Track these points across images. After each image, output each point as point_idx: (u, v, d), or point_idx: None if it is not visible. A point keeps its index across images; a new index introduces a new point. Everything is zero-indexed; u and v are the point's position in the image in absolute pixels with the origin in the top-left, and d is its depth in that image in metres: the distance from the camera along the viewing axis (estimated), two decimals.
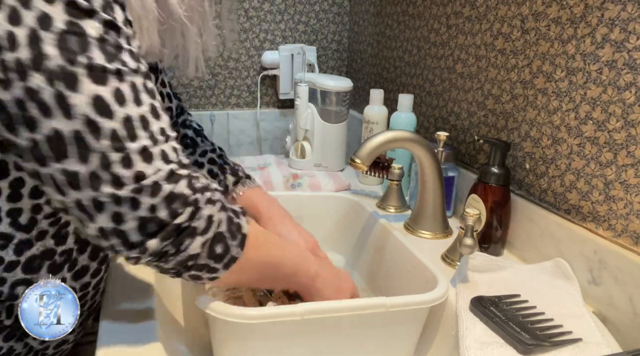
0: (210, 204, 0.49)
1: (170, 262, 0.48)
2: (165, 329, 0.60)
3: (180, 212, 0.46)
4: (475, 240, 0.70)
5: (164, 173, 0.45)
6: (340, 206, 0.97)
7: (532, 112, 0.79)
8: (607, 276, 0.64)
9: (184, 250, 0.47)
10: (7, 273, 0.51)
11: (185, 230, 0.47)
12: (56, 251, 0.54)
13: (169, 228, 0.46)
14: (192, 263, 0.49)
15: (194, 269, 0.49)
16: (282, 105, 1.53)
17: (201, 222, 0.48)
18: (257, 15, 1.43)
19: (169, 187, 0.45)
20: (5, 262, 0.51)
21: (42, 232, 0.52)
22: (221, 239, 0.50)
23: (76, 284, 0.57)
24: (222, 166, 0.77)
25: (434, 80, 1.06)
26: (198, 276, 0.51)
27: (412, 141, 0.80)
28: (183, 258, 0.48)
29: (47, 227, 0.52)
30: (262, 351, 0.58)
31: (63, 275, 0.55)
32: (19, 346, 0.56)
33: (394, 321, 0.62)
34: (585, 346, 0.55)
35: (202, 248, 0.48)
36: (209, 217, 0.48)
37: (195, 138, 0.79)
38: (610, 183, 0.66)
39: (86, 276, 0.58)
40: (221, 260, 0.51)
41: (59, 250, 0.54)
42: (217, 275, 0.52)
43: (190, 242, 0.47)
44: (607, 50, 0.65)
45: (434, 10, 1.05)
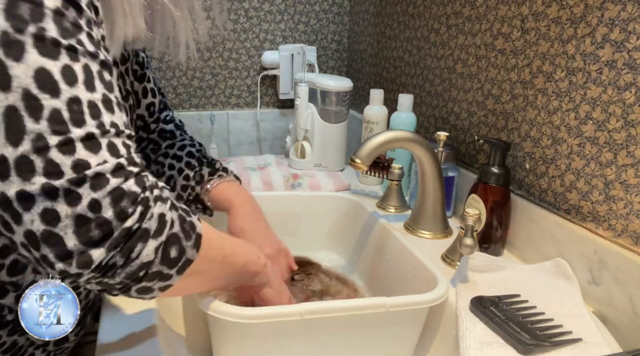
0: (160, 202, 0.42)
1: (118, 275, 0.40)
2: (165, 329, 0.60)
3: (130, 211, 0.39)
4: (475, 240, 0.70)
5: (110, 165, 0.39)
6: (340, 206, 0.97)
7: (532, 112, 0.79)
8: (607, 276, 0.64)
9: (136, 258, 0.40)
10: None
11: (136, 234, 0.40)
12: None
13: (117, 234, 0.39)
14: (144, 273, 0.42)
15: (144, 280, 0.42)
16: (282, 105, 1.53)
17: (153, 223, 0.41)
18: (257, 15, 1.43)
19: (115, 180, 0.39)
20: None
21: None
22: (175, 241, 0.44)
23: None
24: (200, 159, 0.76)
25: (434, 80, 1.06)
26: (148, 289, 0.44)
27: (412, 141, 0.80)
28: (134, 269, 0.41)
29: None
30: (262, 351, 0.58)
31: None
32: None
33: (394, 321, 0.62)
34: (585, 346, 0.55)
35: (156, 254, 0.42)
36: (161, 216, 0.42)
37: (174, 132, 0.78)
38: (610, 183, 0.66)
39: None
40: (175, 265, 0.44)
41: None
42: (170, 282, 0.45)
43: (142, 248, 0.40)
44: (607, 50, 0.65)
45: (434, 10, 1.05)
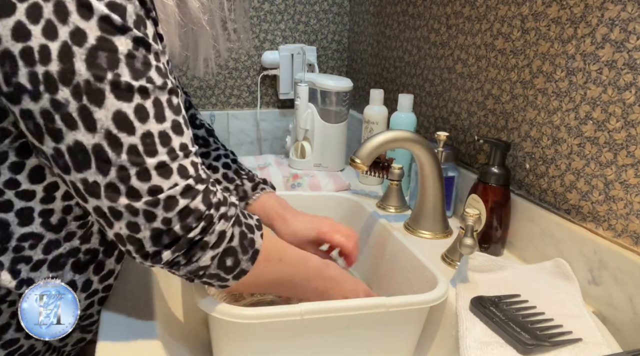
0: (224, 219, 0.50)
1: (181, 270, 0.50)
2: (165, 329, 0.60)
3: (194, 226, 0.47)
4: (475, 240, 0.70)
5: (179, 188, 0.46)
6: (340, 206, 0.97)
7: (532, 112, 0.79)
8: (607, 276, 0.64)
9: (195, 261, 0.49)
10: (34, 272, 0.52)
11: (197, 244, 0.48)
12: (80, 249, 0.55)
13: (182, 241, 0.47)
14: (203, 273, 0.51)
15: (205, 277, 0.52)
16: (282, 105, 1.53)
17: (213, 237, 0.49)
18: (257, 15, 1.43)
19: (184, 201, 0.47)
20: (33, 260, 0.52)
21: (70, 233, 0.53)
22: (232, 253, 0.51)
23: (100, 286, 0.58)
24: (238, 171, 0.78)
25: (434, 80, 1.06)
26: (209, 283, 0.53)
27: (412, 141, 0.80)
28: (193, 268, 0.50)
29: (76, 229, 0.53)
30: (262, 351, 0.58)
31: (88, 276, 0.56)
32: (39, 344, 0.56)
33: (394, 321, 0.62)
34: (585, 346, 0.55)
35: (212, 261, 0.50)
36: (221, 233, 0.50)
37: (208, 139, 0.79)
38: (610, 183, 0.66)
39: (110, 278, 0.59)
40: (231, 272, 0.52)
41: (84, 249, 0.55)
42: (227, 284, 0.53)
43: (200, 255, 0.49)
44: (607, 50, 0.65)
45: (434, 10, 1.05)
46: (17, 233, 0.50)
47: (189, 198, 0.47)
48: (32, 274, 0.52)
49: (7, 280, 0.50)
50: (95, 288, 0.57)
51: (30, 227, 0.50)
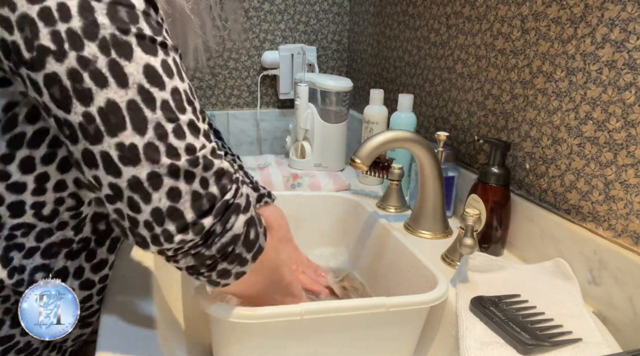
0: (245, 184, 0.49)
1: (214, 245, 0.46)
2: (165, 329, 0.60)
3: (229, 187, 0.46)
4: (475, 240, 0.70)
5: (209, 149, 0.45)
6: (340, 206, 0.97)
7: (532, 112, 0.79)
8: (607, 276, 0.64)
9: (230, 228, 0.46)
10: (27, 259, 0.52)
11: (231, 207, 0.46)
12: (74, 240, 0.54)
13: (219, 205, 0.45)
14: (232, 248, 0.48)
15: (228, 260, 0.48)
16: (282, 105, 1.53)
17: (242, 200, 0.48)
18: (257, 15, 1.43)
19: (217, 162, 0.45)
20: (25, 247, 0.51)
21: (62, 222, 0.53)
22: (253, 224, 0.50)
23: (95, 277, 0.58)
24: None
25: (434, 80, 1.06)
26: (227, 272, 0.49)
27: (412, 141, 0.80)
28: (227, 240, 0.47)
29: (69, 219, 0.53)
30: (261, 351, 0.58)
31: (80, 263, 0.56)
32: (36, 341, 0.56)
33: (394, 321, 0.62)
34: (585, 346, 0.55)
35: (244, 228, 0.48)
36: (247, 196, 0.49)
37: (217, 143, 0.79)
38: (610, 183, 0.66)
39: (105, 268, 0.59)
40: (252, 249, 0.50)
41: (77, 239, 0.55)
42: (245, 268, 0.50)
43: (235, 220, 0.47)
44: (607, 50, 0.65)
45: (434, 10, 1.05)
46: (9, 224, 0.50)
47: (219, 158, 0.46)
48: (25, 261, 0.51)
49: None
50: (88, 277, 0.57)
51: (22, 219, 0.50)
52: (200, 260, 0.47)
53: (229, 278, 0.50)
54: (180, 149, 0.43)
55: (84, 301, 0.58)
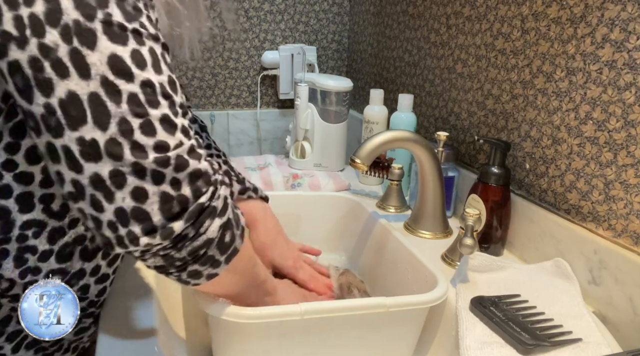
0: (224, 185, 0.47)
1: (185, 248, 0.44)
2: (165, 329, 0.60)
3: (204, 190, 0.43)
4: (475, 240, 0.70)
5: (186, 147, 0.42)
6: (340, 206, 0.97)
7: (532, 112, 0.79)
8: (607, 276, 0.64)
9: (203, 232, 0.44)
10: (42, 262, 0.51)
11: (206, 210, 0.44)
12: (86, 236, 0.53)
13: (192, 208, 0.42)
14: (204, 251, 0.45)
15: (199, 262, 0.46)
16: (282, 105, 1.54)
17: (219, 202, 0.45)
18: (257, 15, 1.43)
19: (193, 162, 0.42)
20: (39, 251, 0.50)
21: (74, 219, 0.51)
22: (230, 226, 0.47)
23: (109, 270, 0.57)
24: (229, 172, 0.76)
25: (434, 80, 1.06)
26: (198, 273, 0.47)
27: (412, 141, 0.80)
28: (199, 244, 0.44)
29: None
30: (262, 351, 0.58)
31: (97, 262, 0.55)
32: None
33: (394, 321, 0.62)
34: (585, 346, 0.55)
35: (218, 232, 0.45)
36: (225, 198, 0.46)
37: (200, 134, 0.77)
38: (610, 183, 0.66)
39: (118, 260, 0.58)
40: (226, 251, 0.48)
41: (89, 235, 0.53)
42: (218, 270, 0.49)
43: (209, 224, 0.44)
44: (607, 50, 0.65)
45: (434, 10, 1.05)
46: (19, 220, 0.48)
47: (196, 159, 0.43)
48: (40, 264, 0.50)
49: (10, 269, 0.49)
50: (105, 272, 0.56)
51: (32, 214, 0.49)
52: (169, 261, 0.45)
53: (199, 278, 0.48)
54: (148, 147, 0.40)
55: (99, 294, 0.57)
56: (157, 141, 0.41)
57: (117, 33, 0.39)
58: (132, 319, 0.58)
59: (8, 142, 0.46)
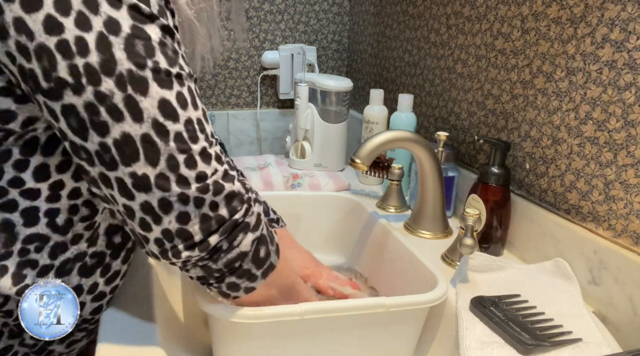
0: (258, 203, 0.51)
1: (220, 260, 0.48)
2: (165, 329, 0.60)
3: (239, 208, 0.48)
4: (475, 240, 0.70)
5: (220, 173, 0.47)
6: (340, 206, 0.97)
7: (532, 112, 0.79)
8: (607, 276, 0.64)
9: (237, 246, 0.48)
10: (40, 278, 0.51)
11: (240, 225, 0.48)
12: (87, 253, 0.54)
13: (227, 224, 0.47)
14: (239, 264, 0.49)
15: (236, 274, 0.50)
16: (282, 105, 1.53)
17: (253, 218, 0.49)
18: (257, 15, 1.43)
19: (227, 185, 0.47)
20: (39, 265, 0.51)
21: (77, 235, 0.52)
22: (264, 242, 0.51)
23: (107, 288, 0.57)
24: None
25: (434, 80, 1.06)
26: (236, 286, 0.51)
27: (412, 141, 0.80)
28: (233, 256, 0.48)
29: (83, 230, 0.52)
30: (262, 351, 0.58)
31: (95, 279, 0.55)
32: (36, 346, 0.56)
33: (394, 321, 0.62)
34: (585, 346, 0.55)
35: (252, 246, 0.49)
36: (258, 215, 0.50)
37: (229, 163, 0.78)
38: (610, 183, 0.66)
39: (117, 279, 0.59)
40: (261, 266, 0.52)
41: (90, 252, 0.54)
42: (255, 284, 0.52)
43: (242, 238, 0.48)
44: (607, 50, 0.65)
45: (434, 10, 1.05)
46: (23, 234, 0.49)
47: (230, 182, 0.47)
48: (38, 279, 0.51)
49: (7, 287, 0.49)
50: (102, 290, 0.57)
51: (35, 228, 0.49)
52: (208, 272, 0.49)
53: (238, 291, 0.52)
54: (191, 178, 0.44)
55: (93, 313, 0.57)
56: (198, 172, 0.45)
57: (164, 79, 0.43)
58: (132, 319, 0.59)
59: (17, 159, 0.47)
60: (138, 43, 0.41)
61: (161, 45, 0.43)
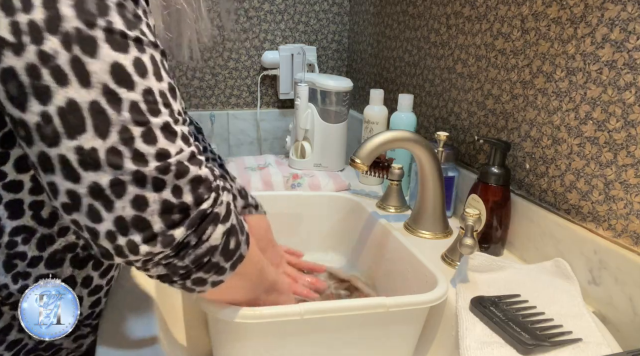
0: (226, 191, 0.47)
1: (188, 256, 0.43)
2: (165, 329, 0.60)
3: (206, 197, 0.43)
4: (475, 240, 0.70)
5: (186, 153, 0.42)
6: (340, 206, 0.97)
7: (532, 112, 0.79)
8: (607, 276, 0.64)
9: (206, 240, 0.44)
10: (31, 268, 0.51)
11: (208, 217, 0.43)
12: (78, 244, 0.53)
13: (194, 215, 0.42)
14: (208, 259, 0.45)
15: (203, 269, 0.46)
16: (282, 105, 1.54)
17: (222, 209, 0.45)
18: (257, 15, 1.43)
19: (193, 168, 0.42)
20: (28, 257, 0.50)
21: (63, 228, 0.51)
22: (234, 232, 0.47)
23: (102, 281, 0.57)
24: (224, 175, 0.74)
25: (434, 80, 1.06)
26: (203, 281, 0.47)
27: (412, 141, 0.80)
28: (202, 251, 0.44)
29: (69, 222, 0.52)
30: (262, 350, 0.58)
31: (89, 272, 0.55)
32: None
33: (394, 321, 0.62)
34: (585, 346, 0.55)
35: (222, 239, 0.45)
36: (228, 204, 0.46)
37: (197, 136, 0.76)
38: (610, 183, 0.66)
39: (111, 271, 0.58)
40: (231, 258, 0.47)
41: (81, 243, 0.53)
42: (223, 277, 0.48)
43: (212, 231, 0.44)
44: (607, 50, 0.65)
45: (434, 10, 1.05)
46: (9, 227, 0.48)
47: (197, 165, 0.43)
48: (29, 269, 0.51)
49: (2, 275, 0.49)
50: (97, 283, 0.56)
51: (21, 220, 0.49)
52: (172, 269, 0.44)
53: (204, 286, 0.48)
54: (149, 155, 0.40)
55: (92, 306, 0.57)
56: (158, 149, 0.40)
57: (118, 41, 0.39)
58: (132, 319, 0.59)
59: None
60: (89, 0, 0.38)
61: (118, 6, 0.39)
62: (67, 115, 0.38)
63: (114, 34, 0.39)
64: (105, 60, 0.38)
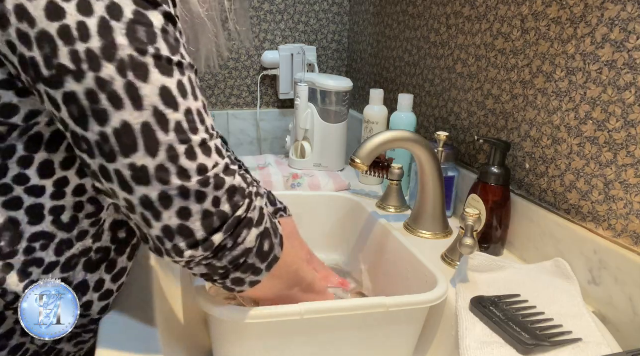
0: (260, 197, 0.50)
1: (225, 257, 0.47)
2: (165, 329, 0.60)
3: (241, 204, 0.47)
4: (475, 240, 0.70)
5: (222, 166, 0.46)
6: (340, 206, 0.97)
7: (532, 112, 0.79)
8: (607, 276, 0.64)
9: (241, 242, 0.47)
10: (45, 274, 0.51)
11: (243, 222, 0.47)
12: (92, 248, 0.53)
13: (231, 221, 0.46)
14: (244, 260, 0.49)
15: (240, 270, 0.49)
16: (282, 105, 1.54)
17: (255, 213, 0.48)
18: (257, 15, 1.43)
19: (229, 179, 0.46)
20: (45, 263, 0.50)
21: (82, 232, 0.52)
22: (268, 235, 0.50)
23: (114, 286, 0.57)
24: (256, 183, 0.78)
25: (434, 80, 1.06)
26: (241, 281, 0.51)
27: (412, 141, 0.80)
28: (238, 253, 0.48)
29: (88, 227, 0.52)
30: (262, 351, 0.58)
31: (101, 276, 0.55)
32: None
33: (394, 321, 0.62)
34: (585, 346, 0.55)
35: (256, 242, 0.49)
36: (261, 209, 0.49)
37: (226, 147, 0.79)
38: (610, 183, 0.66)
39: (123, 276, 0.58)
40: (266, 260, 0.51)
41: (95, 247, 0.54)
42: (260, 278, 0.52)
43: (247, 234, 0.48)
44: (607, 50, 0.65)
45: (434, 10, 1.05)
46: (28, 232, 0.49)
47: (231, 176, 0.46)
48: (44, 276, 0.51)
49: (15, 284, 0.49)
50: (109, 288, 0.56)
51: (41, 226, 0.49)
52: (212, 269, 0.49)
53: (243, 285, 0.52)
54: (192, 170, 0.43)
55: (101, 311, 0.57)
56: (198, 164, 0.44)
57: (165, 66, 0.42)
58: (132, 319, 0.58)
59: (22, 155, 0.47)
60: (140, 29, 0.41)
61: (163, 32, 0.43)
62: (122, 136, 0.42)
63: (162, 59, 0.42)
64: (155, 84, 0.42)
